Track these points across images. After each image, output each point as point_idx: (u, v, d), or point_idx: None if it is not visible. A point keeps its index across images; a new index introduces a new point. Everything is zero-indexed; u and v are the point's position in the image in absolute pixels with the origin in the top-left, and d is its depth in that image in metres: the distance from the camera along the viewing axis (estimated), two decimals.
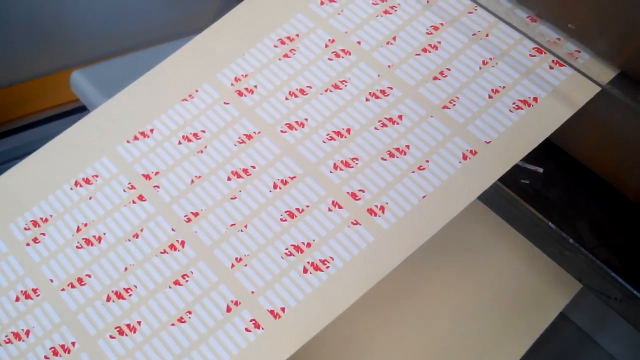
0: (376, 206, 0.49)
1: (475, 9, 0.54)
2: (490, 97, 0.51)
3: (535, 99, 0.50)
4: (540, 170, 0.53)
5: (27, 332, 0.48)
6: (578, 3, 0.49)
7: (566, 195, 0.52)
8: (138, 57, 1.15)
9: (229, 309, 0.47)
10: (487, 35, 0.53)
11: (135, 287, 0.48)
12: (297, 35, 0.56)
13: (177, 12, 1.32)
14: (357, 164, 0.50)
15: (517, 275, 0.57)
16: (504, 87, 0.51)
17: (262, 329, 0.46)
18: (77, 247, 0.51)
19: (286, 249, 0.48)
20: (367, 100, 0.53)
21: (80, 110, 1.23)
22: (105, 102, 0.55)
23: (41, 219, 0.52)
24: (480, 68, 0.52)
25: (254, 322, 0.46)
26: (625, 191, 0.51)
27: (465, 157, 0.50)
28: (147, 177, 0.52)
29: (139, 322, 0.47)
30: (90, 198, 0.52)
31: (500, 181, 0.50)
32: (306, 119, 0.52)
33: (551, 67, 0.51)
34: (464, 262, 0.57)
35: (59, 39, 1.23)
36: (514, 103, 0.51)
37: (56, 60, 1.24)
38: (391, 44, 0.54)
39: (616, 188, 0.51)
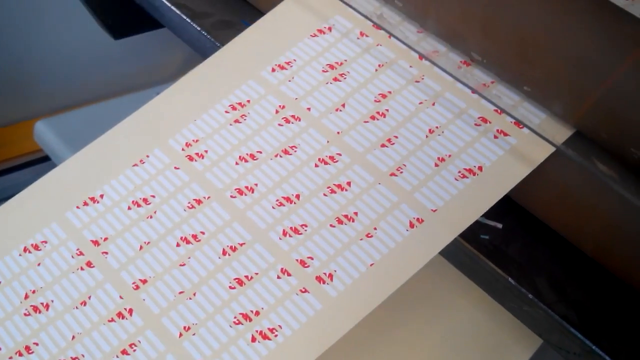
0: (325, 274, 0.49)
1: (422, 78, 0.56)
2: (436, 165, 0.52)
3: (480, 168, 0.52)
4: (500, 226, 0.54)
5: None
6: (532, 67, 0.51)
7: (525, 251, 0.53)
8: (102, 107, 1.15)
9: None
10: (433, 104, 0.54)
11: (83, 356, 0.48)
12: (248, 101, 0.57)
13: (142, 63, 1.32)
14: (306, 230, 0.51)
15: (479, 330, 0.57)
16: (449, 156, 0.52)
17: None
18: (24, 314, 0.50)
19: (235, 317, 0.48)
20: (316, 166, 0.53)
21: (43, 160, 1.23)
22: (55, 169, 0.55)
23: None
24: (427, 136, 0.53)
25: None
26: (581, 246, 0.52)
27: (412, 225, 0.50)
28: (95, 243, 0.52)
29: None
30: (38, 264, 0.52)
31: (460, 237, 0.51)
32: (256, 184, 0.53)
33: (495, 137, 0.53)
34: (424, 318, 0.58)
35: (23, 89, 1.23)
36: (459, 172, 0.52)
37: (20, 111, 1.24)
38: (340, 110, 0.55)
39: (573, 244, 0.53)
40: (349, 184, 0.52)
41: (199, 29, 0.67)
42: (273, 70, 0.58)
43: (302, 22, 0.60)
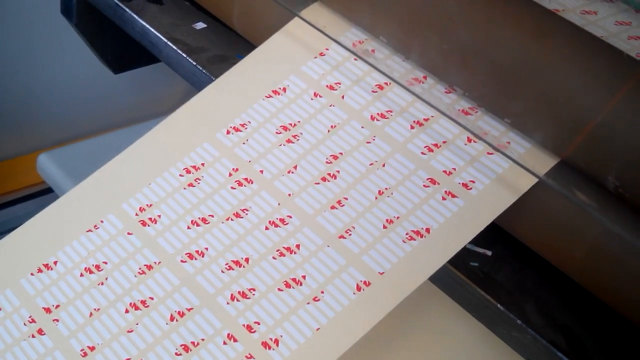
0: (270, 339, 0.49)
1: (374, 138, 0.56)
2: (385, 227, 0.52)
3: (427, 230, 0.52)
4: (489, 253, 0.55)
5: None
6: (513, 99, 0.52)
7: (514, 277, 0.53)
8: (104, 139, 1.17)
9: None
10: (383, 165, 0.55)
11: None
12: (203, 164, 0.57)
13: (142, 96, 1.34)
14: (253, 294, 0.51)
15: (470, 356, 0.57)
16: (398, 218, 0.52)
17: None
18: None
19: None
20: (266, 229, 0.53)
21: (46, 192, 1.24)
22: (8, 235, 0.56)
23: None
24: (376, 198, 0.53)
25: None
26: (568, 272, 0.52)
27: (359, 288, 0.50)
28: (47, 310, 0.52)
29: None
30: None
31: (450, 263, 0.52)
32: (206, 248, 0.53)
33: (444, 198, 0.53)
34: (415, 344, 0.57)
35: (26, 122, 1.25)
36: (407, 234, 0.52)
37: (23, 144, 1.26)
38: (292, 172, 0.56)
39: (560, 270, 0.53)
40: (298, 246, 0.52)
41: (194, 63, 0.68)
42: (228, 132, 0.58)
43: (257, 82, 0.60)
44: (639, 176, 0.48)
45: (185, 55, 0.69)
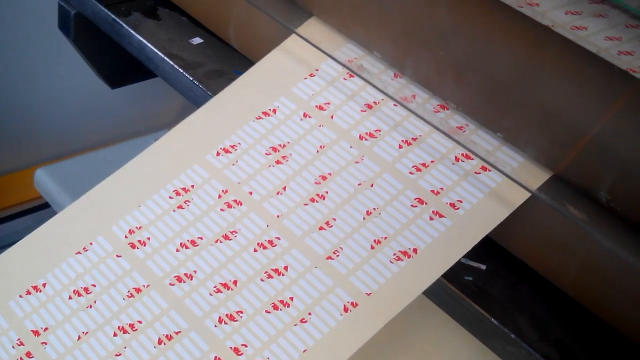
0: None
1: (362, 158, 0.56)
2: (372, 247, 0.52)
3: (415, 250, 0.51)
4: (483, 267, 0.55)
5: None
6: (506, 114, 0.52)
7: (508, 291, 0.54)
8: (102, 154, 1.17)
9: None
10: (371, 185, 0.54)
11: None
12: (192, 186, 0.57)
13: (140, 111, 1.35)
14: (241, 317, 0.51)
15: None
16: (385, 238, 0.52)
17: None
18: None
19: None
20: (255, 251, 0.53)
21: (43, 207, 1.24)
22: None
23: None
24: (364, 218, 0.53)
25: None
26: (561, 286, 0.52)
27: (346, 309, 0.50)
28: (36, 333, 0.53)
29: None
30: None
31: (444, 278, 0.51)
32: (195, 271, 0.53)
33: (431, 218, 0.52)
34: (409, 359, 0.57)
35: (23, 137, 1.26)
36: (394, 254, 0.51)
37: (20, 159, 1.27)
38: (281, 193, 0.55)
39: (554, 283, 0.53)
40: (285, 268, 0.52)
41: (191, 78, 0.69)
42: (218, 154, 0.58)
43: (248, 104, 0.60)
44: (630, 190, 0.48)
45: (181, 70, 0.70)
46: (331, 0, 0.61)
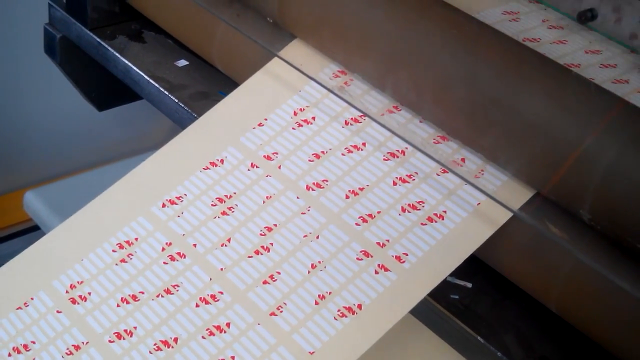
0: None
1: (309, 209, 0.55)
2: (316, 303, 0.51)
3: (359, 306, 0.50)
4: (469, 285, 0.54)
5: None
6: (487, 133, 0.52)
7: (494, 309, 0.54)
8: (90, 175, 1.17)
9: None
10: (317, 237, 0.53)
11: None
12: (136, 239, 0.56)
13: (128, 132, 1.34)
14: None
15: None
16: (329, 293, 0.51)
17: None
18: None
19: None
20: (197, 306, 0.52)
21: (33, 229, 1.23)
22: None
23: None
24: (309, 272, 0.52)
25: None
26: (546, 303, 0.52)
27: None
28: None
29: None
30: None
31: (430, 297, 0.51)
32: (135, 327, 0.52)
33: (376, 272, 0.51)
34: None
35: (12, 160, 1.25)
36: (338, 310, 0.50)
37: (9, 181, 1.26)
38: (226, 246, 0.54)
39: (539, 300, 0.53)
40: (228, 325, 0.51)
41: (176, 100, 0.69)
42: (164, 205, 0.57)
43: (197, 154, 0.59)
44: (610, 209, 0.48)
45: (167, 93, 0.70)
46: (312, 23, 0.61)
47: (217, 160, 0.58)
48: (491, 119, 0.52)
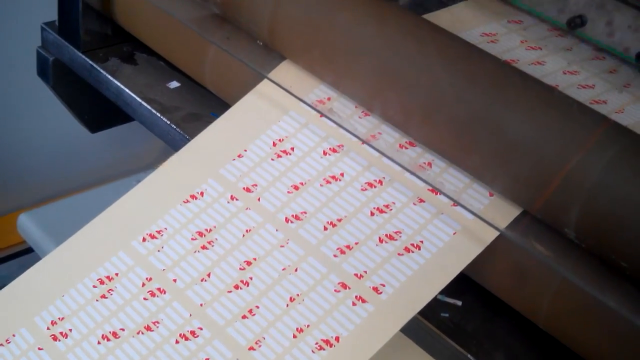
0: None
1: (287, 242, 0.55)
2: (294, 336, 0.51)
3: (337, 339, 0.50)
4: (459, 303, 0.55)
5: None
6: (473, 153, 0.53)
7: (484, 326, 0.54)
8: (84, 197, 1.17)
9: None
10: (296, 270, 0.53)
11: None
12: (117, 274, 0.56)
13: (120, 153, 1.35)
14: None
15: None
16: (308, 326, 0.51)
17: None
18: None
19: None
20: (177, 342, 0.52)
21: (27, 252, 1.23)
22: None
23: None
24: (287, 305, 0.52)
25: None
26: (534, 320, 0.53)
27: None
28: None
29: None
30: None
31: (420, 315, 0.51)
32: None
33: (354, 304, 0.51)
34: None
35: (6, 182, 1.25)
36: (316, 343, 0.50)
37: (3, 204, 1.26)
38: (205, 280, 0.54)
39: (527, 318, 0.53)
40: None
41: (168, 122, 0.69)
42: (144, 239, 0.57)
43: (176, 187, 0.59)
44: (595, 227, 0.48)
45: (159, 115, 0.70)
46: (301, 45, 0.61)
47: (197, 192, 0.59)
48: (477, 139, 0.52)
